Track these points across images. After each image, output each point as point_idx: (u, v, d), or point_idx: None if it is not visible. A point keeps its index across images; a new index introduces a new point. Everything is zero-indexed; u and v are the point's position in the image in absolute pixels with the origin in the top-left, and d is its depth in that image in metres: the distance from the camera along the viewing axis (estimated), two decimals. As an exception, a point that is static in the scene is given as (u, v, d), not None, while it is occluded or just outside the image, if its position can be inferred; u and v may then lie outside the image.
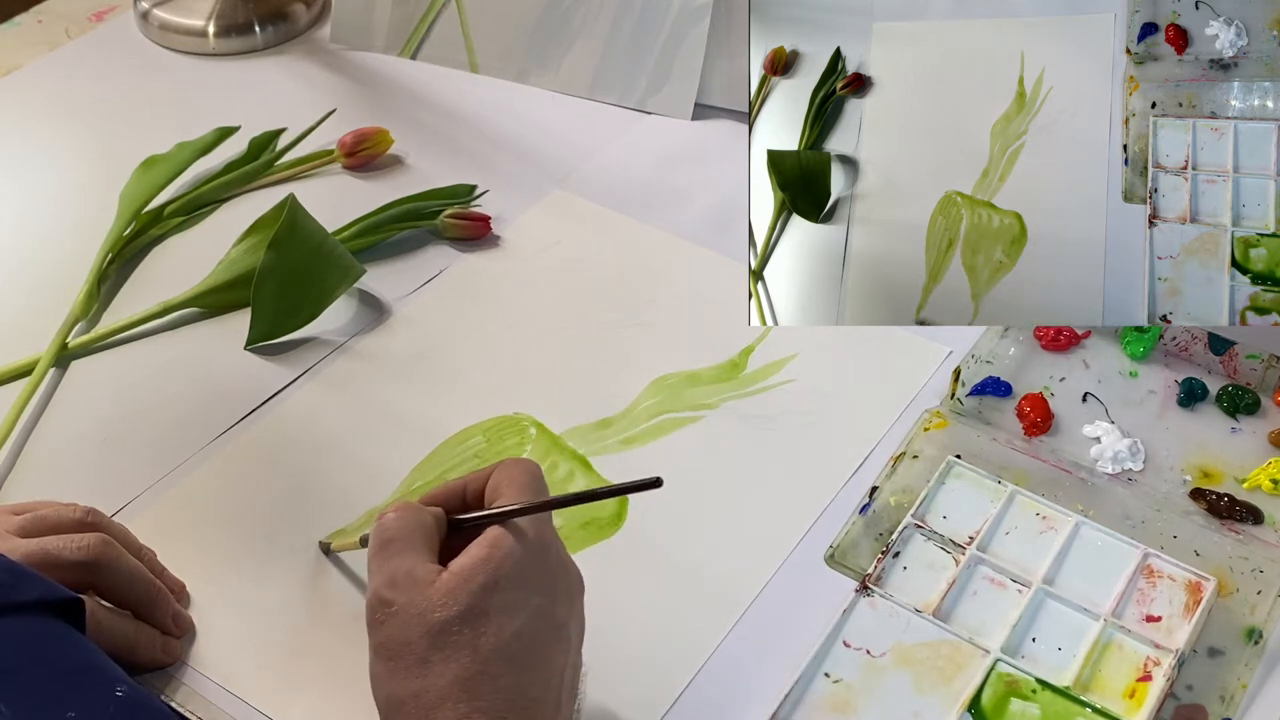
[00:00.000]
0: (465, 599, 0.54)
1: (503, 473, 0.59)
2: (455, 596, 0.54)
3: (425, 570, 0.55)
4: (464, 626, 0.54)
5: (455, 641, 0.54)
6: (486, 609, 0.54)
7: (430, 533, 0.58)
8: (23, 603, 0.51)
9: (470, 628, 0.54)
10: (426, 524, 0.58)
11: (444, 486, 0.61)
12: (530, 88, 1.07)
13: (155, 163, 0.95)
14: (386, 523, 0.58)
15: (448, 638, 0.54)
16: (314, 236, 0.86)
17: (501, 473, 0.59)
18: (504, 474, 0.59)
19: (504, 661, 0.54)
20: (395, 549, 0.56)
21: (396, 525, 0.57)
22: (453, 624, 0.54)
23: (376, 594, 0.56)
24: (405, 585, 0.55)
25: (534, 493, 0.59)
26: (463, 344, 0.85)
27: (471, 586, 0.54)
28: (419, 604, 0.54)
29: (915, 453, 0.76)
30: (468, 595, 0.54)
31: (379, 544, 0.57)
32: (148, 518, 0.73)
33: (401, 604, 0.55)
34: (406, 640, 0.54)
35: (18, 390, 0.79)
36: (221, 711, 0.65)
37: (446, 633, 0.54)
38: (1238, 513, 0.72)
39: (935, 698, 0.64)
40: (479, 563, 0.55)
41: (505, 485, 0.59)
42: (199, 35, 1.11)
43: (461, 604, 0.54)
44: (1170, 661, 0.65)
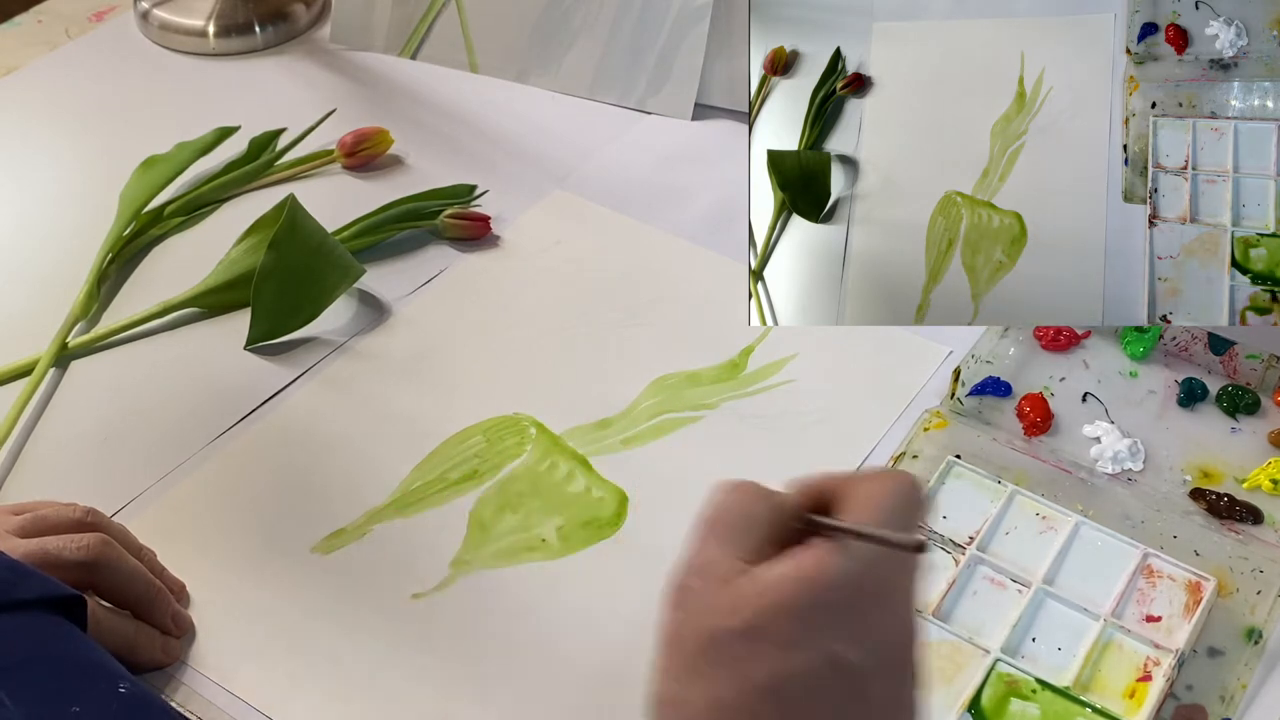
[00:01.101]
0: (751, 614, 0.46)
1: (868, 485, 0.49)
2: (739, 607, 0.46)
3: (729, 566, 0.47)
4: (740, 644, 0.46)
5: (729, 657, 0.46)
6: (772, 633, 0.45)
7: (759, 525, 0.49)
8: (25, 600, 0.51)
9: (746, 647, 0.45)
10: (757, 515, 0.49)
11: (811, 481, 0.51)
12: (530, 88, 1.07)
13: (155, 163, 0.95)
14: (721, 502, 0.50)
15: (721, 651, 0.46)
16: (314, 236, 0.86)
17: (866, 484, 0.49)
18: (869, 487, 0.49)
19: (773, 702, 0.45)
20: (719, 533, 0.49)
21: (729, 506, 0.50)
22: (730, 638, 0.46)
23: (681, 575, 0.48)
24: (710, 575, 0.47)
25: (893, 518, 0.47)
26: (463, 344, 0.85)
27: (763, 602, 0.45)
28: (710, 602, 0.47)
29: (915, 453, 0.76)
30: (756, 611, 0.45)
31: (706, 520, 0.49)
32: (148, 518, 0.73)
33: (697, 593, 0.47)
34: (683, 633, 0.47)
35: (18, 390, 0.79)
36: (221, 711, 0.65)
37: (720, 645, 0.46)
38: (1238, 513, 0.72)
39: (935, 698, 0.64)
40: (784, 579, 0.46)
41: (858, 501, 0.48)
42: (199, 35, 1.11)
43: (745, 618, 0.46)
44: (1170, 661, 0.65)
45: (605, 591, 0.70)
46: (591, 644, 0.68)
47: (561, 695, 0.65)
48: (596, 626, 0.68)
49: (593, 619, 0.69)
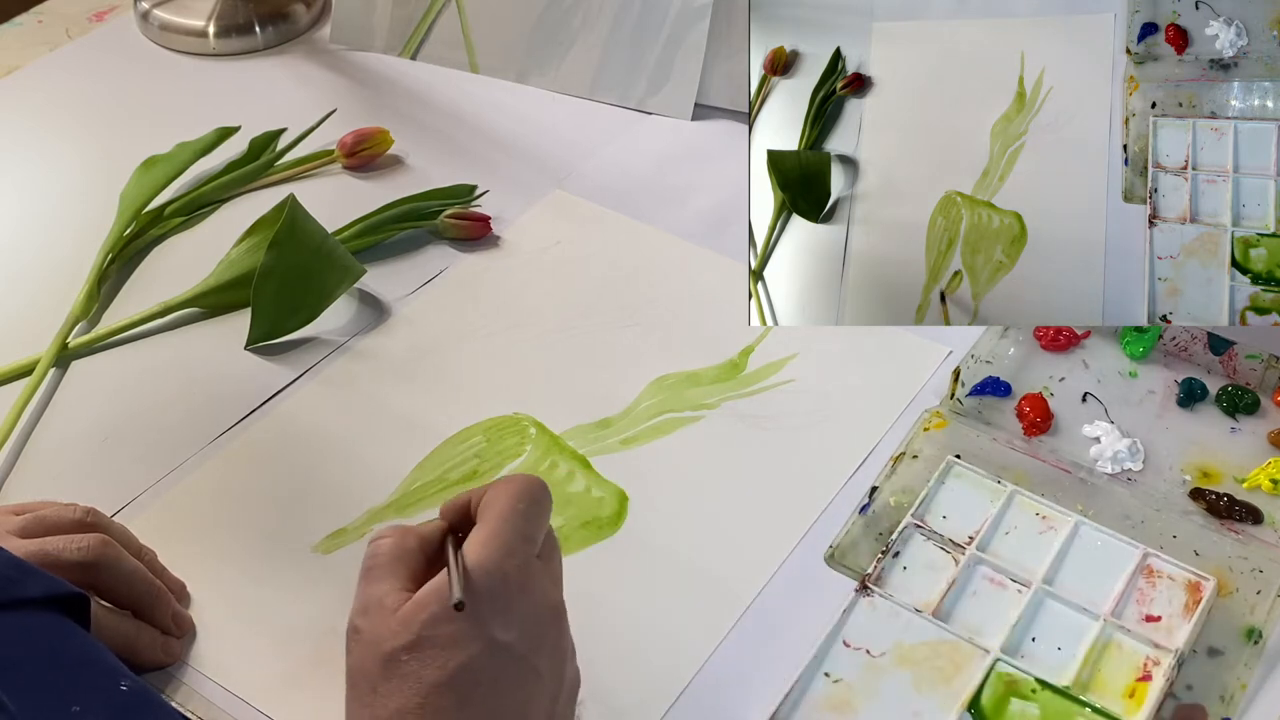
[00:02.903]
0: (416, 628, 0.52)
1: (494, 492, 0.57)
2: (408, 625, 0.53)
3: (395, 598, 0.54)
4: (411, 656, 0.52)
5: (403, 672, 0.52)
6: (434, 639, 0.52)
7: (414, 558, 0.56)
8: (27, 598, 0.51)
9: (416, 658, 0.52)
10: (410, 549, 0.56)
11: (454, 500, 0.59)
12: (530, 88, 1.07)
13: (155, 163, 0.95)
14: (372, 549, 0.56)
15: (396, 667, 0.52)
16: (314, 236, 0.86)
17: (493, 492, 0.57)
18: (494, 494, 0.57)
19: (450, 695, 0.52)
20: (374, 576, 0.55)
21: (380, 551, 0.56)
22: (401, 653, 0.52)
23: (350, 620, 0.55)
24: (374, 613, 0.54)
25: (516, 517, 0.56)
26: (463, 344, 0.85)
27: (422, 616, 0.52)
28: (379, 632, 0.53)
29: (915, 453, 0.76)
30: (418, 625, 0.52)
31: (363, 570, 0.56)
32: (148, 518, 0.73)
33: (366, 631, 0.54)
34: (364, 668, 0.53)
35: (18, 390, 0.80)
36: (222, 711, 0.65)
37: (396, 662, 0.52)
38: (1237, 513, 0.72)
39: (935, 697, 0.64)
40: (433, 593, 0.53)
41: (488, 508, 0.56)
42: (199, 35, 1.12)
43: (412, 633, 0.52)
44: (1170, 661, 0.65)
45: (605, 591, 0.70)
46: (591, 644, 0.68)
47: (561, 695, 0.65)
48: (596, 626, 0.68)
49: (592, 618, 0.69)
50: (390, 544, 0.56)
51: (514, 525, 0.55)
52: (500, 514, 0.56)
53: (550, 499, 0.58)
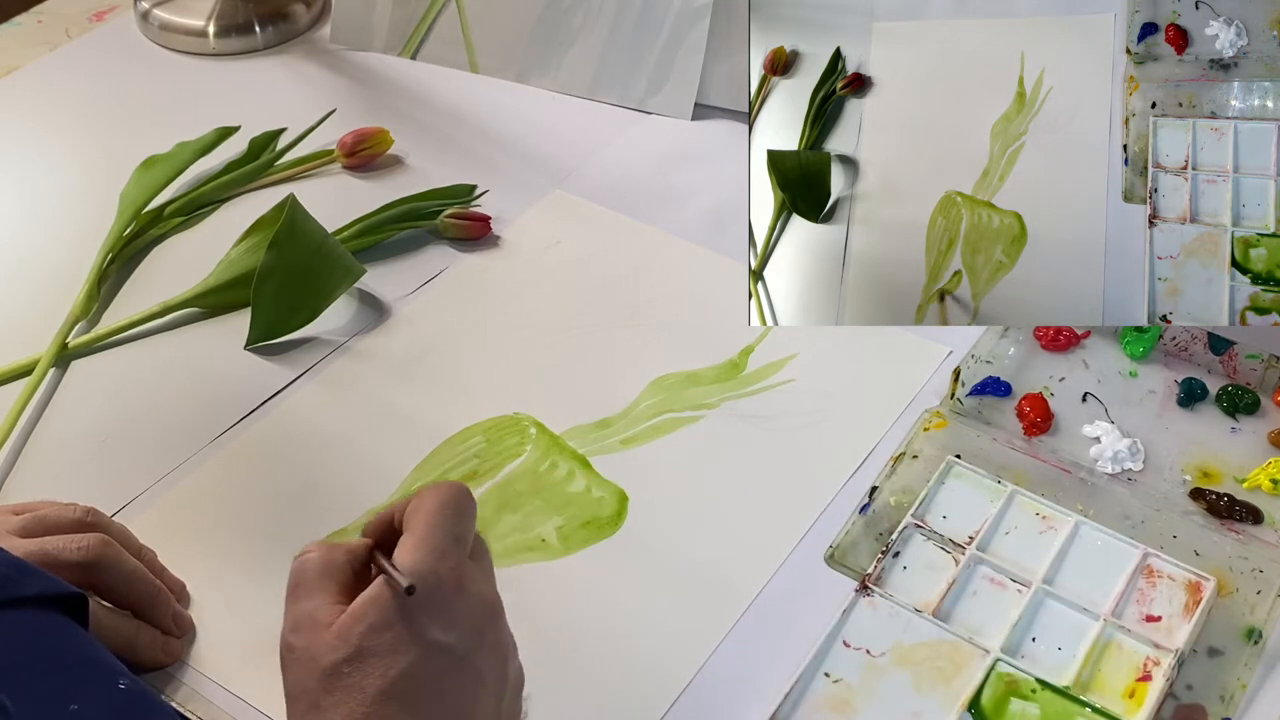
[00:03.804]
0: (354, 639, 0.52)
1: (417, 501, 0.56)
2: (345, 638, 0.52)
3: (327, 613, 0.53)
4: (352, 668, 0.52)
5: (345, 684, 0.52)
6: (374, 649, 0.52)
7: (342, 572, 0.55)
8: (25, 597, 0.51)
9: (358, 669, 0.52)
10: (338, 563, 0.55)
11: (376, 517, 0.58)
12: (530, 88, 1.07)
13: (155, 163, 0.95)
14: (298, 565, 0.56)
15: (338, 680, 0.52)
16: (314, 236, 0.86)
17: (416, 501, 0.56)
18: (417, 503, 0.56)
19: (395, 702, 0.52)
20: (302, 592, 0.55)
21: (306, 567, 0.55)
22: (341, 666, 0.52)
23: (282, 639, 0.55)
24: (306, 629, 0.53)
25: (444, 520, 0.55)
26: (463, 344, 0.85)
27: (360, 627, 0.52)
28: (314, 647, 0.53)
29: (915, 453, 0.76)
30: (356, 636, 0.52)
31: (289, 587, 0.55)
32: (148, 518, 0.73)
33: (300, 648, 0.53)
34: (303, 685, 0.53)
35: (18, 390, 0.80)
36: (222, 711, 0.65)
37: (337, 675, 0.52)
38: (1237, 513, 0.72)
39: (935, 697, 0.64)
40: (369, 603, 0.53)
41: (414, 515, 0.56)
42: (199, 35, 1.12)
43: (351, 645, 0.52)
44: (1170, 661, 0.65)
45: (605, 591, 0.70)
46: (591, 643, 0.68)
47: (561, 694, 0.65)
48: (596, 626, 0.68)
49: (592, 618, 0.69)
50: (316, 559, 0.56)
51: (442, 529, 0.55)
52: (427, 519, 0.55)
53: (474, 502, 0.57)
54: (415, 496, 0.57)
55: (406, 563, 0.53)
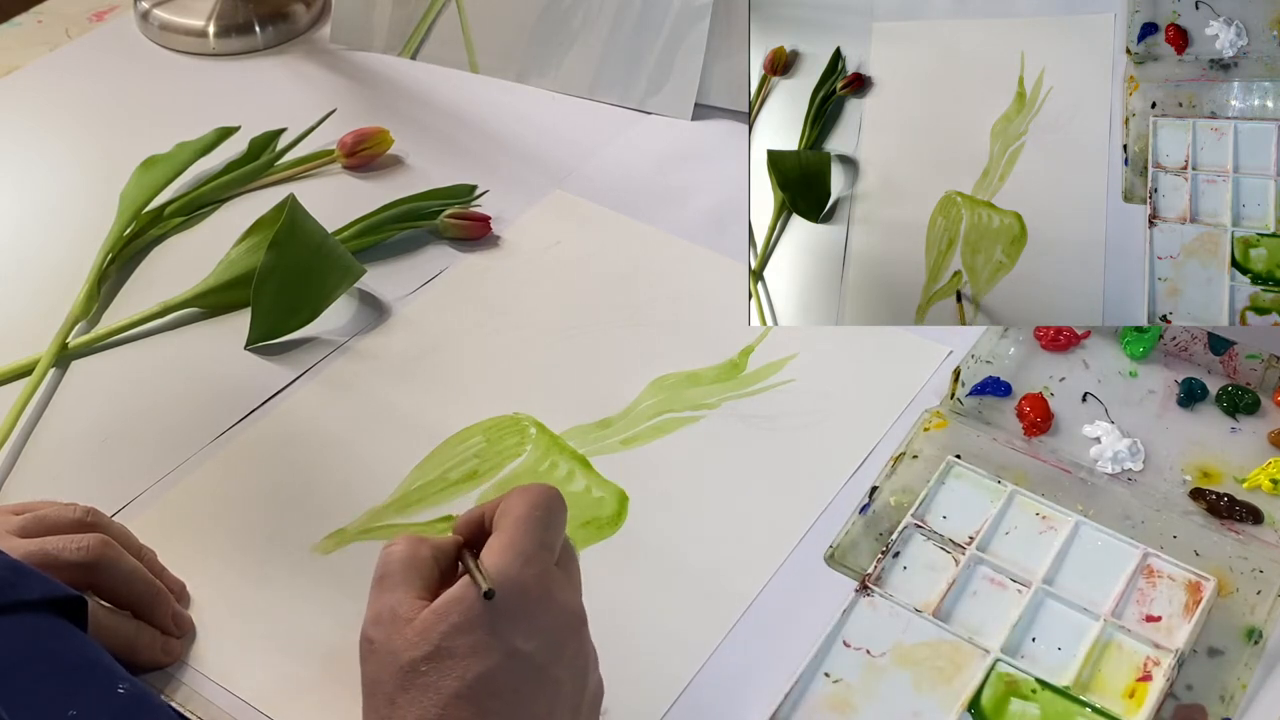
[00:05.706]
0: (435, 639, 0.52)
1: (507, 503, 0.57)
2: (426, 636, 0.52)
3: (409, 607, 0.54)
4: (430, 667, 0.52)
5: (421, 683, 0.52)
6: (454, 650, 0.52)
7: (428, 567, 0.56)
8: (24, 601, 0.51)
9: (435, 669, 0.52)
10: (424, 558, 0.56)
11: (467, 514, 0.59)
12: (530, 88, 1.07)
13: (155, 163, 0.95)
14: (384, 556, 0.56)
15: (415, 678, 0.52)
16: (314, 236, 0.86)
17: (506, 503, 0.57)
18: (507, 504, 0.56)
19: (469, 706, 0.51)
20: (387, 584, 0.55)
21: (391, 560, 0.56)
22: (420, 664, 0.52)
23: (363, 630, 0.55)
24: (387, 622, 0.53)
25: (533, 525, 0.55)
26: (463, 344, 0.85)
27: (442, 627, 0.52)
28: (395, 642, 0.53)
29: (915, 453, 0.76)
30: (437, 635, 0.52)
31: (375, 578, 0.55)
32: (148, 518, 0.73)
33: (380, 641, 0.53)
34: (379, 679, 0.53)
35: (18, 390, 0.79)
36: (222, 711, 0.65)
37: (414, 673, 0.52)
38: (1237, 513, 0.72)
39: (935, 698, 0.64)
40: (453, 602, 0.53)
41: (504, 517, 0.56)
42: (199, 35, 1.11)
43: (431, 644, 0.52)
44: (1170, 661, 0.65)
45: (605, 591, 0.70)
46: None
47: (561, 695, 0.65)
48: (596, 626, 0.68)
49: (592, 619, 0.69)
50: (403, 552, 0.56)
51: (531, 533, 0.55)
52: (516, 522, 0.55)
53: (565, 507, 0.57)
54: (506, 497, 0.57)
55: (493, 565, 0.54)
